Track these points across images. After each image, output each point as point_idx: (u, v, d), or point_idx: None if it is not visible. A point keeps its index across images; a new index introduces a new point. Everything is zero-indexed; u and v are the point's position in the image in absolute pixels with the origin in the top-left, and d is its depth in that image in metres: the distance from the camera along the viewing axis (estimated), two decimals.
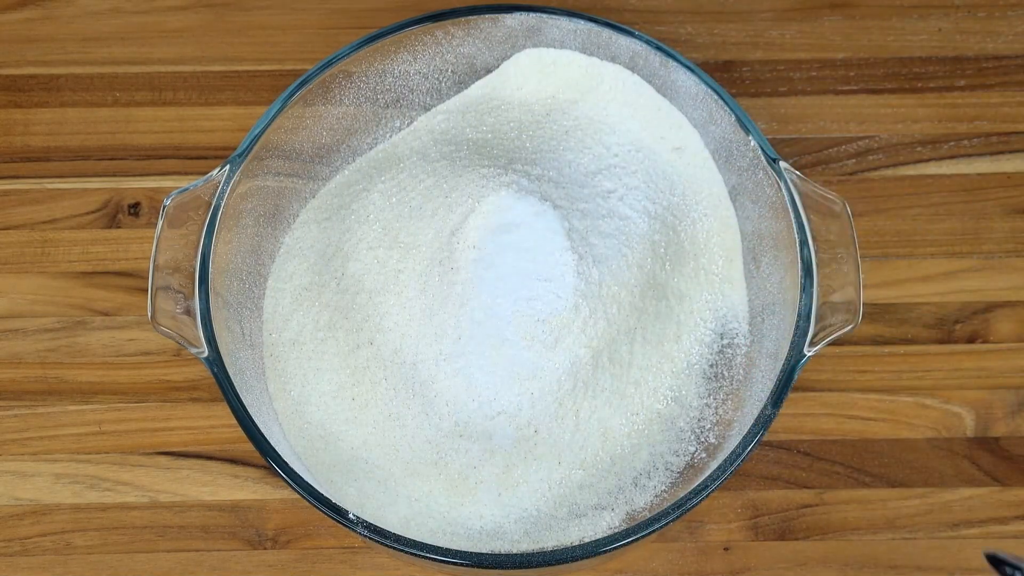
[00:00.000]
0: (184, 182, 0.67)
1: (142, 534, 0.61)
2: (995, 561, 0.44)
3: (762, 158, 0.56)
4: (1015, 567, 0.43)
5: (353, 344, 0.57)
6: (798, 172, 0.55)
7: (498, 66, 0.63)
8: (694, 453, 0.57)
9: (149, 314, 0.52)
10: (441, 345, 0.55)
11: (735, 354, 0.59)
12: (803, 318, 0.52)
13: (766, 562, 0.60)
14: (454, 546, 0.51)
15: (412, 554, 0.49)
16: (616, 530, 0.54)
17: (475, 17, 0.60)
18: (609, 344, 0.55)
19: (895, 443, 0.63)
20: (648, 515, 0.54)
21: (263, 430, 0.51)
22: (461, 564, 0.49)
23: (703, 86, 0.58)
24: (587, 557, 0.49)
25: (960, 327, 0.65)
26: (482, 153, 0.61)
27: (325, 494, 0.50)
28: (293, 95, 0.57)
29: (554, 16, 0.60)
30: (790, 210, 0.54)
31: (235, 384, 0.52)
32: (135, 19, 0.72)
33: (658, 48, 0.59)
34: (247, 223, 0.57)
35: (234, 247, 0.56)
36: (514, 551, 0.54)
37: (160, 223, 0.53)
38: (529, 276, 0.54)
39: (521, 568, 0.49)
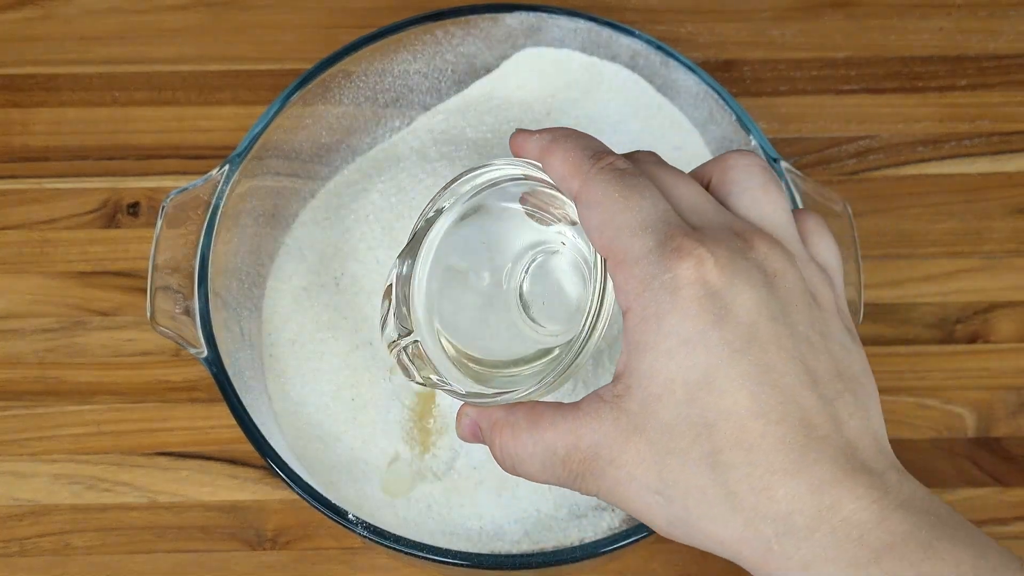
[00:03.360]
0: (183, 182, 0.67)
1: (141, 535, 0.60)
2: None
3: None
4: None
5: (352, 344, 0.57)
6: (799, 172, 0.55)
7: (498, 65, 0.63)
8: None
9: (148, 314, 0.52)
10: None
11: None
12: None
13: None
14: (454, 547, 0.51)
15: (412, 555, 0.49)
16: (616, 530, 0.54)
17: (475, 16, 0.60)
18: (610, 343, 0.55)
19: (896, 443, 0.62)
20: None
21: (262, 430, 0.51)
22: (461, 565, 0.49)
23: (704, 85, 0.58)
24: (587, 558, 0.49)
25: (961, 327, 0.65)
26: (482, 153, 0.60)
27: (324, 494, 0.50)
28: (293, 95, 0.57)
29: (554, 15, 0.60)
30: None
31: (234, 384, 0.51)
32: (134, 18, 0.72)
33: (658, 47, 0.59)
34: (246, 223, 0.57)
35: (233, 247, 0.56)
36: (514, 552, 0.54)
37: (159, 223, 0.53)
38: None
39: (521, 569, 0.49)
